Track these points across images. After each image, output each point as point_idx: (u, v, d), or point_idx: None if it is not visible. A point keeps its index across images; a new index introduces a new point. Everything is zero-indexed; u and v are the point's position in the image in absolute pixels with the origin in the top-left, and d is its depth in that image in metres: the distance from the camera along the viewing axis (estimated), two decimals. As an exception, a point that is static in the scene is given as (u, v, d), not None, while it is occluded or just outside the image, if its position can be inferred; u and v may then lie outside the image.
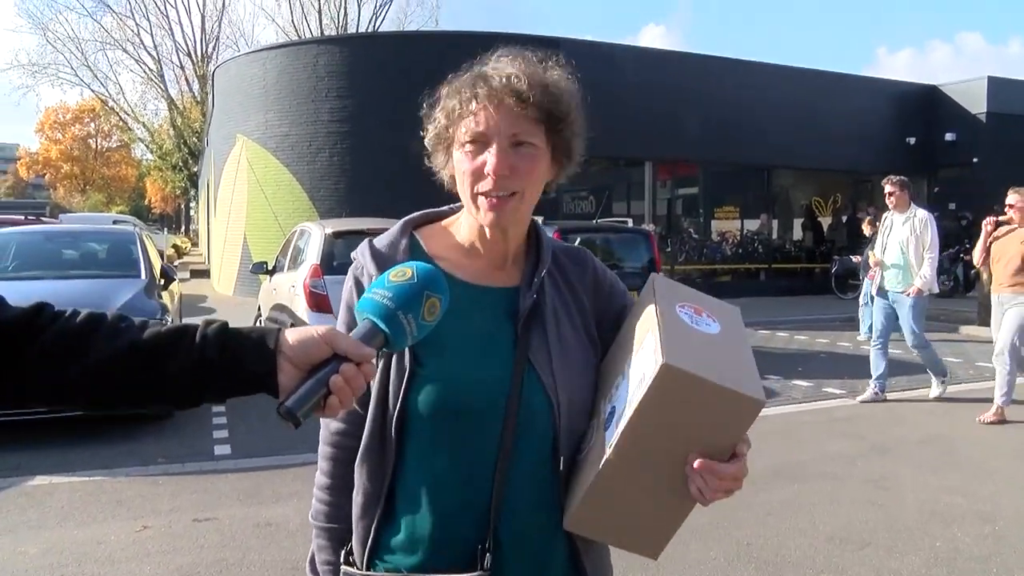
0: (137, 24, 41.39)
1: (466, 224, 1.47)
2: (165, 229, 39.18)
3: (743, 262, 20.21)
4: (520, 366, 1.38)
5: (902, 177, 8.15)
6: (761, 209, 20.69)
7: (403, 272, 1.18)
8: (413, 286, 1.16)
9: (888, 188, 8.13)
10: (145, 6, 41.03)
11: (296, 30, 40.12)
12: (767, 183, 20.78)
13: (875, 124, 20.69)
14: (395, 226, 1.52)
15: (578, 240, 10.96)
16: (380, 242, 1.49)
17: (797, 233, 21.51)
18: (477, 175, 1.37)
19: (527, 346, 1.39)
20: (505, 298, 1.45)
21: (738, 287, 19.03)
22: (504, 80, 1.36)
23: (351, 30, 38.65)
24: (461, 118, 1.39)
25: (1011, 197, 7.36)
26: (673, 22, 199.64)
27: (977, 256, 7.72)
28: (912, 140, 21.04)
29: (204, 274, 24.42)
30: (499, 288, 1.46)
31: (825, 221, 21.54)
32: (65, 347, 1.11)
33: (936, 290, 8.13)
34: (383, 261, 1.43)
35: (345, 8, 41.19)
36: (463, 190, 1.40)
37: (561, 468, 1.37)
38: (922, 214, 8.00)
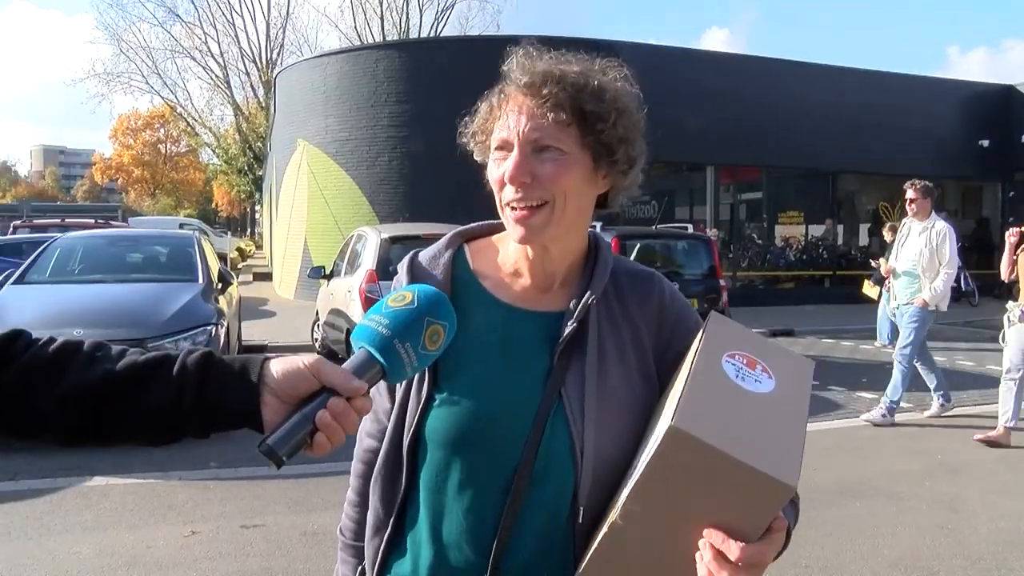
0: (205, 32, 42.27)
1: (510, 241, 1.34)
2: (229, 232, 39.90)
3: (807, 268, 19.77)
4: (549, 402, 1.23)
5: (926, 183, 7.62)
6: (826, 214, 20.23)
7: (403, 296, 1.08)
8: (412, 312, 1.06)
9: (910, 194, 7.56)
10: (212, 15, 41.91)
11: (359, 36, 40.55)
12: (832, 187, 20.31)
13: (946, 126, 20.09)
14: (444, 237, 1.41)
15: (637, 246, 10.83)
16: (424, 254, 1.38)
17: (864, 239, 20.97)
18: (500, 184, 1.26)
19: (561, 380, 1.25)
20: (547, 324, 1.30)
21: (801, 294, 18.64)
22: (524, 79, 1.25)
23: (413, 35, 38.94)
24: (490, 125, 1.28)
25: None
26: (737, 25, 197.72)
27: (1004, 270, 7.09)
28: (986, 143, 20.35)
29: (267, 277, 24.74)
30: (542, 312, 1.32)
31: (892, 227, 20.95)
32: (38, 375, 1.03)
33: (945, 308, 7.57)
34: (422, 276, 1.34)
35: (407, 14, 41.52)
36: (497, 203, 1.29)
37: (580, 521, 1.20)
38: (940, 225, 7.47)
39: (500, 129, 1.26)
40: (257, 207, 47.40)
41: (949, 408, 7.71)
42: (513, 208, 1.24)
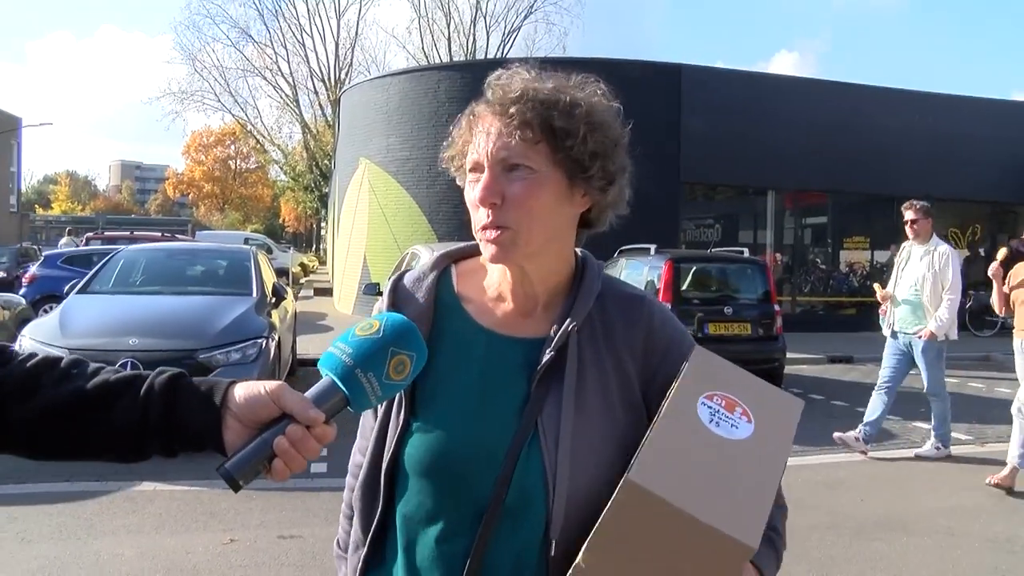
0: (275, 52, 43.36)
1: (498, 269, 1.33)
2: (292, 248, 40.66)
3: (871, 295, 19.30)
4: (524, 432, 1.20)
5: (925, 203, 7.16)
6: (892, 239, 19.76)
7: (370, 325, 1.08)
8: (376, 342, 1.06)
9: (910, 215, 7.10)
10: (283, 35, 43.01)
11: (426, 57, 41.13)
12: (898, 212, 19.83)
13: (1020, 150, 19.49)
14: (431, 258, 1.39)
15: (692, 269, 10.72)
16: (409, 276, 1.37)
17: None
18: (475, 207, 1.24)
19: (538, 409, 1.21)
20: (528, 351, 1.26)
21: (863, 320, 18.19)
22: (493, 97, 1.24)
23: (480, 57, 39.31)
24: (464, 148, 1.27)
25: None
26: (807, 49, 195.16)
27: (996, 305, 6.67)
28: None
29: (328, 292, 25.11)
30: (523, 339, 1.28)
31: (962, 253, 20.42)
32: (12, 390, 1.06)
33: (955, 336, 7.09)
34: (404, 299, 1.33)
35: (473, 36, 42.05)
36: (473, 227, 1.27)
37: (553, 554, 1.16)
38: (943, 249, 7.04)
39: (472, 151, 1.24)
40: (322, 223, 48.23)
41: (861, 448, 7.23)
42: (485, 231, 1.22)
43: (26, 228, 45.94)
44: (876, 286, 7.85)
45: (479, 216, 1.23)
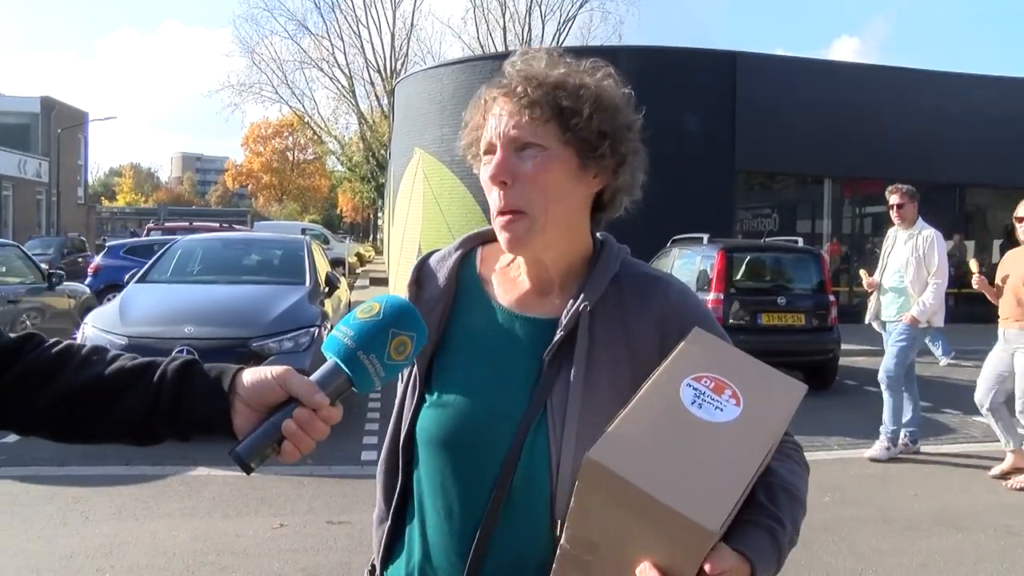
0: (332, 44, 43.89)
1: None
2: (348, 238, 41.13)
3: (932, 286, 18.83)
4: (533, 411, 1.22)
5: (910, 186, 6.88)
6: (954, 229, 19.26)
7: (371, 308, 1.10)
8: (376, 324, 1.07)
9: (895, 199, 6.86)
10: (340, 27, 43.51)
11: (481, 47, 41.23)
12: (960, 201, 19.34)
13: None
14: (458, 238, 1.43)
15: (746, 259, 10.59)
16: (436, 256, 1.40)
17: (996, 255, 19.87)
18: (488, 188, 1.26)
19: (548, 389, 1.23)
20: (542, 330, 1.28)
21: (923, 312, 17.81)
22: (501, 81, 1.27)
23: (535, 47, 39.19)
24: (479, 134, 1.30)
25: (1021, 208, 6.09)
26: (868, 34, 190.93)
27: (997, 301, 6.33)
28: None
29: (384, 282, 25.37)
30: (538, 318, 1.30)
31: (1029, 245, 19.79)
32: (36, 375, 1.10)
33: (940, 323, 6.83)
34: (427, 277, 1.37)
35: (529, 25, 42.01)
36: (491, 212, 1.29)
37: (559, 533, 1.16)
38: (928, 232, 6.81)
39: (486, 133, 1.27)
40: (379, 213, 48.71)
41: (913, 449, 6.84)
42: (501, 214, 1.24)
43: (92, 219, 47.17)
44: (863, 273, 7.62)
45: (493, 199, 1.25)
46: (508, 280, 1.35)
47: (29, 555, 4.40)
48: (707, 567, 0.99)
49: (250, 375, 1.09)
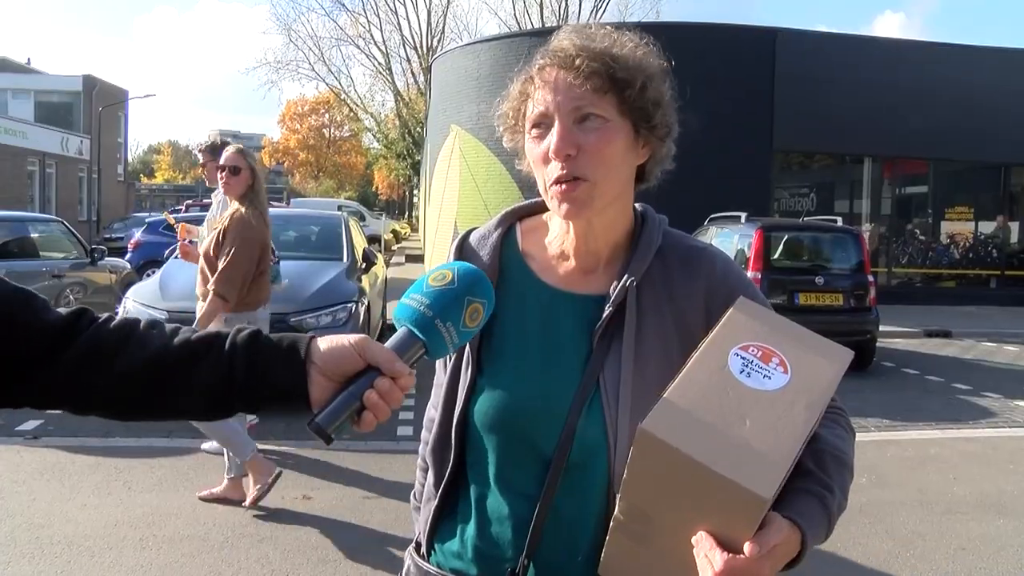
0: (368, 20, 43.79)
1: (556, 220, 1.35)
2: (384, 215, 41.30)
3: (973, 267, 18.55)
4: (585, 389, 1.24)
5: None
6: (998, 210, 18.91)
7: (443, 275, 1.10)
8: (452, 291, 1.08)
9: None
10: (376, 3, 43.35)
11: (518, 23, 40.98)
12: (1006, 181, 18.94)
13: None
14: (496, 215, 1.43)
15: (784, 238, 10.50)
16: (476, 234, 1.41)
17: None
18: (544, 160, 1.25)
19: (599, 366, 1.24)
20: (589, 308, 1.29)
21: (963, 294, 17.54)
22: (556, 54, 1.25)
23: (572, 22, 38.91)
24: (523, 104, 1.29)
25: None
26: (913, 8, 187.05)
27: None
28: None
29: (419, 259, 25.48)
30: (585, 296, 1.31)
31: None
32: (96, 353, 1.08)
33: None
34: (469, 256, 1.36)
35: (566, 1, 41.61)
36: (539, 184, 1.29)
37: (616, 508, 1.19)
38: None
39: (536, 104, 1.26)
40: (415, 191, 48.83)
41: None
42: (558, 184, 1.24)
43: (132, 196, 47.80)
44: None
45: (550, 170, 1.24)
46: (551, 257, 1.36)
47: (78, 523, 4.51)
48: (752, 545, 1.00)
49: (326, 343, 1.07)
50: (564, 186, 1.23)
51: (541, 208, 1.41)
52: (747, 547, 1.00)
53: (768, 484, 0.97)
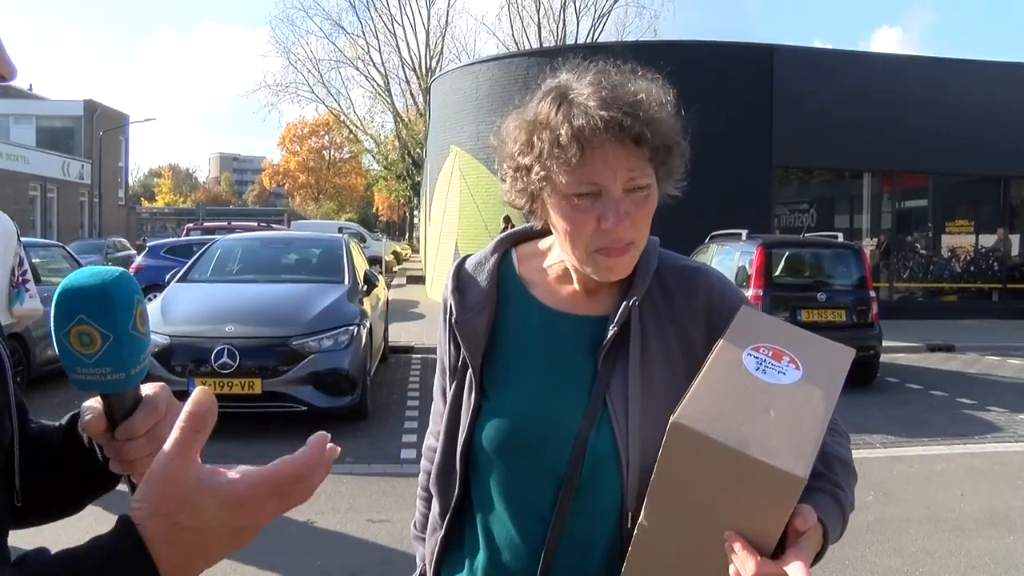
0: (367, 42, 43.95)
1: (556, 247, 1.35)
2: (385, 236, 41.33)
3: (975, 281, 18.53)
4: (594, 408, 1.24)
5: None
6: (998, 223, 18.90)
7: (91, 340, 0.83)
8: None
9: None
10: (375, 26, 43.56)
11: (516, 43, 41.16)
12: (1005, 194, 18.95)
13: None
14: (491, 242, 1.43)
15: (785, 255, 10.50)
16: (471, 260, 1.40)
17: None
18: (592, 232, 1.21)
19: (606, 386, 1.25)
20: (592, 328, 1.30)
21: (965, 308, 17.50)
22: (609, 117, 1.17)
23: (570, 43, 39.12)
24: (557, 162, 1.20)
25: None
26: (910, 23, 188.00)
27: None
28: None
29: (420, 280, 25.46)
30: (587, 317, 1.32)
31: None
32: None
33: None
34: (466, 282, 1.36)
35: (563, 21, 41.86)
36: (571, 246, 1.24)
37: (629, 525, 1.20)
38: None
39: (583, 173, 1.20)
40: (415, 211, 48.92)
41: None
42: (606, 254, 1.23)
43: (132, 220, 47.89)
44: None
45: (596, 237, 1.22)
46: (552, 281, 1.36)
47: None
48: (798, 521, 1.04)
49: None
50: (615, 251, 1.23)
51: (534, 234, 1.42)
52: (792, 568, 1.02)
53: (803, 464, 1.01)
